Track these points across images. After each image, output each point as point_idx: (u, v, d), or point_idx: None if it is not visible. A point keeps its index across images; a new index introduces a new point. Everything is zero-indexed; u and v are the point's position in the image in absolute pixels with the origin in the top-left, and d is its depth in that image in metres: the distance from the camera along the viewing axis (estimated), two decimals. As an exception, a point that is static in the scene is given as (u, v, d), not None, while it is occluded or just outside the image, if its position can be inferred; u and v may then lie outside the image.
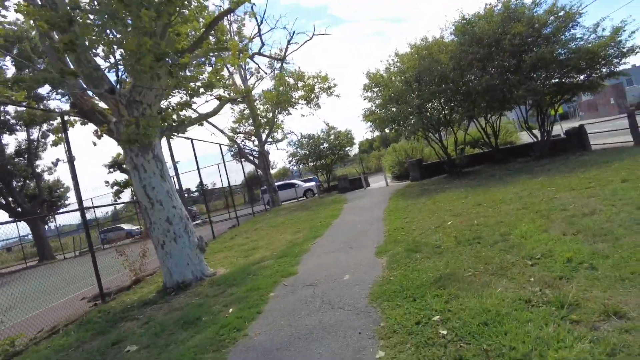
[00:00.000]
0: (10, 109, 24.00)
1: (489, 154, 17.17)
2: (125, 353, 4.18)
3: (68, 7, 5.91)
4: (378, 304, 3.85)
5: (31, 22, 7.15)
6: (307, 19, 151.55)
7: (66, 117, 7.85)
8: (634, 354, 2.27)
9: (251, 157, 24.42)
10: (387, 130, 16.92)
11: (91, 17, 6.13)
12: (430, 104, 15.57)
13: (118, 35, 6.38)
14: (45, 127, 25.73)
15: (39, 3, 6.36)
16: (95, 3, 6.52)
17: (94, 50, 6.28)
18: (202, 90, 8.17)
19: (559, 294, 3.12)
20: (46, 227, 28.31)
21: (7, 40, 16.22)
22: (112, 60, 6.83)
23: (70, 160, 8.00)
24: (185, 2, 6.88)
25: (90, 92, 7.37)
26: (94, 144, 10.77)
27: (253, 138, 24.03)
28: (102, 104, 7.64)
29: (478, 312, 3.13)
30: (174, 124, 7.63)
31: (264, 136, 23.85)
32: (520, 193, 8.02)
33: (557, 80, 13.18)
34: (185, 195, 30.63)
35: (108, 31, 6.32)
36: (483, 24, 13.03)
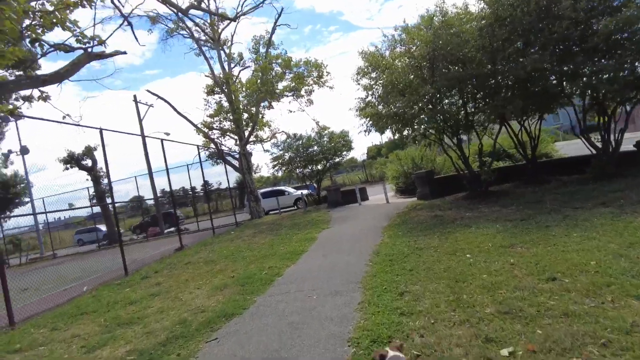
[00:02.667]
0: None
1: (519, 169, 13.13)
2: None
3: None
4: None
5: None
6: (322, 24, 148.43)
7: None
8: None
9: (230, 159, 20.61)
10: (388, 132, 12.87)
11: None
12: (447, 100, 11.56)
13: None
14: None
15: None
16: None
17: None
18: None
19: None
20: (-2, 227, 24.58)
21: None
22: None
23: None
24: None
25: None
26: None
27: (230, 136, 20.20)
28: None
29: None
30: None
31: (246, 134, 19.97)
32: (629, 252, 3.98)
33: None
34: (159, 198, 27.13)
35: None
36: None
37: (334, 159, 19.42)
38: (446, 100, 11.54)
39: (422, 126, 10.83)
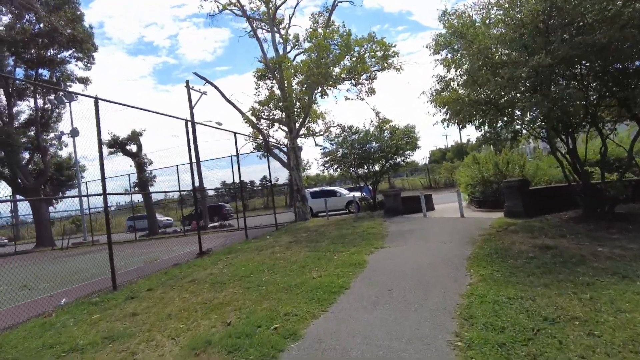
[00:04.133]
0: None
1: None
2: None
3: None
4: None
5: None
6: (390, 24, 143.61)
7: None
8: None
9: (278, 152, 18.60)
10: (470, 127, 9.84)
11: None
12: (554, 84, 8.33)
13: None
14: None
15: None
16: None
17: None
18: None
19: None
20: (51, 207, 24.85)
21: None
22: None
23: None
24: None
25: None
26: None
27: (280, 128, 18.18)
28: None
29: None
30: None
31: (296, 125, 17.81)
32: None
33: None
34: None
35: None
36: None
37: (395, 158, 16.54)
38: (552, 87, 8.34)
39: (529, 114, 7.75)
